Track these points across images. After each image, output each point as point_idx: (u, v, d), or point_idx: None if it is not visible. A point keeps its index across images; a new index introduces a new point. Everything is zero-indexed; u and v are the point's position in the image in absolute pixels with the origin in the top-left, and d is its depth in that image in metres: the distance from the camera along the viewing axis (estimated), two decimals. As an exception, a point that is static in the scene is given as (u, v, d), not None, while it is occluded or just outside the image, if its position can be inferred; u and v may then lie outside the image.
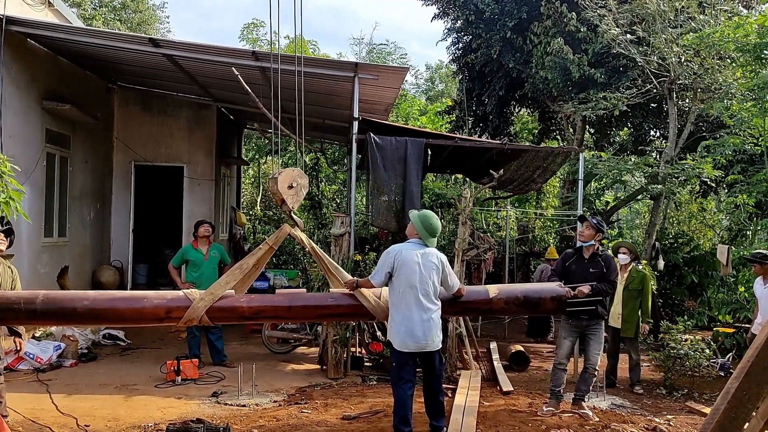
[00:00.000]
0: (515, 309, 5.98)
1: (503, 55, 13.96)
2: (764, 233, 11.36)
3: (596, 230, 6.42)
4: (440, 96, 28.78)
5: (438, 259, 5.28)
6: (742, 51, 9.77)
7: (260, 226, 20.36)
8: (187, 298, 5.20)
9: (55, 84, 9.66)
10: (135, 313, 5.23)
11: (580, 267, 6.40)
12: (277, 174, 5.44)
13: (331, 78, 8.71)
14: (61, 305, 5.10)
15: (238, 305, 5.34)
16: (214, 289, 5.25)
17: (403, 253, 5.23)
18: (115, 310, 5.20)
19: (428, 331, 5.14)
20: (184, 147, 12.32)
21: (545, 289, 5.96)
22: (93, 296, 5.26)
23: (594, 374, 6.40)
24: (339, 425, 5.65)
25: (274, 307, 5.48)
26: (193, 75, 9.98)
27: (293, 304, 5.46)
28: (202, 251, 8.16)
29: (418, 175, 8.54)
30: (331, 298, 5.56)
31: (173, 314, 5.20)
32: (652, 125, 14.52)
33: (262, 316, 5.66)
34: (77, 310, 5.10)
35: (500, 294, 5.67)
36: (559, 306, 5.83)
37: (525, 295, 5.78)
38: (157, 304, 5.20)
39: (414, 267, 5.17)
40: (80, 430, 5.48)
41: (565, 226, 14.12)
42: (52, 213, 9.70)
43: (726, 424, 3.05)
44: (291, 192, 5.45)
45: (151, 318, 5.32)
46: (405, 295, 5.15)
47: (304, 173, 5.56)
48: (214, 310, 5.24)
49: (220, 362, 8.13)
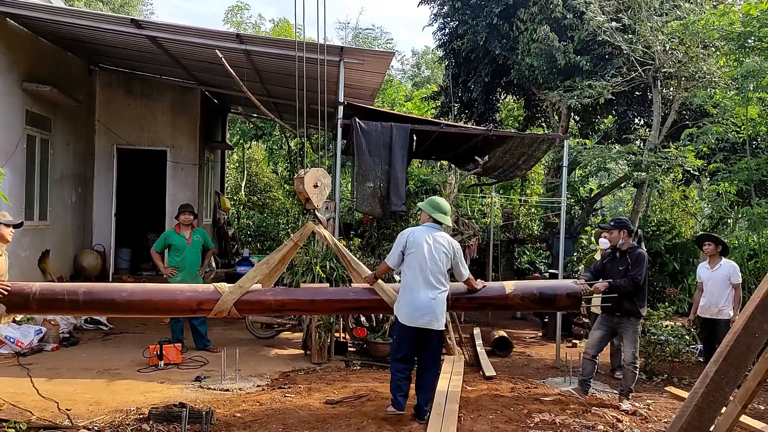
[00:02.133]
0: (531, 305, 6.24)
1: (489, 42, 13.91)
2: (745, 221, 11.48)
3: (618, 228, 6.52)
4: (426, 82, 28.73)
5: (449, 243, 5.52)
6: (726, 39, 9.82)
7: (245, 211, 20.27)
8: (217, 291, 5.52)
9: (36, 65, 9.50)
10: (169, 304, 5.62)
11: (611, 264, 6.54)
12: (303, 174, 5.78)
13: (316, 62, 8.62)
14: (100, 297, 5.44)
15: (264, 298, 5.68)
16: (242, 283, 5.56)
17: (415, 234, 5.50)
18: (150, 301, 5.55)
19: (432, 310, 5.33)
20: (167, 131, 12.19)
21: (560, 285, 6.27)
22: (130, 289, 5.58)
23: (631, 370, 6.33)
24: (322, 409, 5.67)
25: (298, 300, 5.84)
26: (177, 57, 9.86)
27: (316, 298, 5.83)
28: (185, 236, 8.11)
29: (403, 161, 8.51)
30: (352, 292, 5.99)
31: (204, 306, 5.54)
32: (637, 113, 14.56)
33: (286, 308, 6.09)
34: (115, 301, 5.44)
35: (516, 290, 5.96)
36: (574, 302, 6.09)
37: (540, 292, 6.05)
38: (190, 297, 5.57)
39: (424, 248, 5.39)
40: (61, 413, 5.45)
41: (550, 213, 14.18)
42: (33, 196, 9.58)
43: (704, 408, 3.10)
44: (316, 191, 5.83)
45: (183, 309, 5.76)
46: (414, 273, 5.38)
47: (326, 173, 5.96)
48: (242, 303, 5.55)
49: (203, 347, 8.11)
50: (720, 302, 7.38)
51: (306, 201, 5.88)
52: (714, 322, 7.45)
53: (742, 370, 3.13)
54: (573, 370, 7.27)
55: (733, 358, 3.09)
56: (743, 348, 3.09)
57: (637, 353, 6.40)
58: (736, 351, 3.09)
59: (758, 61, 9.16)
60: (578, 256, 12.78)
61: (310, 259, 7.79)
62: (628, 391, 6.35)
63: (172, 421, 5.14)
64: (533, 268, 15.02)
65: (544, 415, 5.52)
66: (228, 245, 14.74)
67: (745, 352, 3.09)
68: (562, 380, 7.26)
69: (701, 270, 7.70)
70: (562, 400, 6.15)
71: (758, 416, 6.11)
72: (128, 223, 12.79)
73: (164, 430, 5.04)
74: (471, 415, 5.53)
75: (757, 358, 3.50)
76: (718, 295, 7.38)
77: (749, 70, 9.06)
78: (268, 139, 19.97)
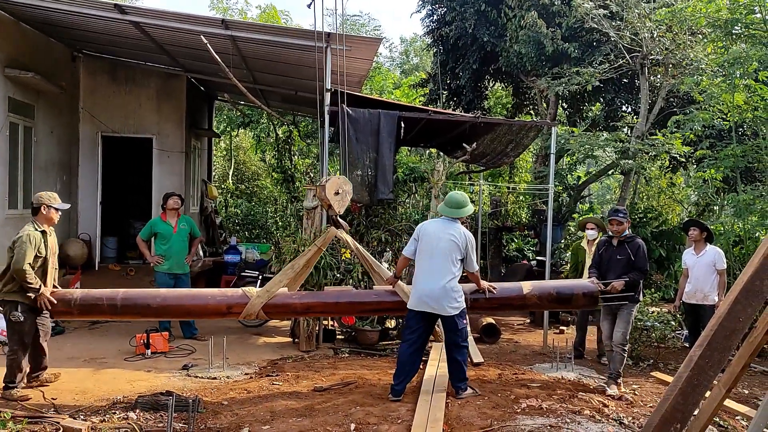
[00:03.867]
0: (548, 305, 6.36)
1: (478, 29, 13.87)
2: (731, 208, 11.56)
3: (626, 220, 6.55)
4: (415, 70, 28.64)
5: (462, 234, 5.64)
6: (713, 26, 9.84)
7: (232, 199, 20.16)
8: (245, 295, 5.79)
9: (18, 52, 9.35)
10: (200, 308, 5.87)
11: (608, 253, 6.54)
12: (325, 182, 6.02)
13: (303, 48, 8.56)
14: (137, 302, 5.73)
15: (290, 302, 5.93)
16: (269, 287, 5.83)
17: (426, 226, 5.81)
18: (183, 306, 5.88)
19: (439, 297, 5.51)
20: (153, 118, 12.05)
21: (577, 285, 6.35)
22: (164, 294, 5.95)
23: (619, 352, 6.32)
24: (310, 396, 5.67)
25: (323, 303, 6.11)
26: (162, 44, 9.74)
27: (340, 300, 6.11)
28: (171, 224, 8.05)
29: (391, 149, 8.48)
30: (374, 295, 6.17)
31: (233, 309, 5.81)
32: (624, 101, 14.60)
33: (312, 311, 6.30)
34: (151, 306, 5.74)
35: (533, 290, 6.09)
36: (591, 301, 6.17)
37: (558, 292, 6.17)
38: (220, 301, 5.81)
39: (434, 238, 5.63)
40: (47, 402, 5.42)
41: (537, 200, 14.21)
42: (17, 184, 9.45)
43: (689, 391, 3.12)
44: (337, 198, 6.02)
45: (214, 313, 5.95)
46: (422, 261, 5.65)
47: (348, 180, 6.25)
48: (269, 306, 5.80)
49: (190, 335, 8.08)
50: (705, 288, 7.43)
51: (328, 208, 6.09)
52: (699, 307, 7.51)
53: (726, 354, 3.15)
54: (560, 356, 7.31)
55: (717, 342, 3.11)
56: (727, 332, 3.11)
57: (627, 336, 6.41)
58: (720, 335, 3.11)
59: (745, 48, 9.19)
60: (566, 243, 12.84)
61: (298, 247, 7.77)
62: (617, 374, 6.32)
63: (158, 409, 5.13)
64: (521, 255, 15.06)
65: (531, 400, 5.55)
66: (215, 234, 14.67)
67: (729, 336, 3.11)
68: (549, 366, 7.30)
69: (687, 256, 7.75)
70: (548, 386, 6.19)
71: (742, 400, 6.18)
72: (114, 211, 12.68)
73: (151, 418, 5.02)
74: (458, 401, 5.55)
75: (741, 342, 3.53)
76: (704, 281, 7.43)
77: (736, 57, 9.09)
78: (255, 127, 19.84)
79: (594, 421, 5.11)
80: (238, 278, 9.78)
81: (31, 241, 5.50)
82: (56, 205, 5.82)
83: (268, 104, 13.64)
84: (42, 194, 5.92)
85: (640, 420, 5.21)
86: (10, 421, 4.57)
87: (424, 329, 5.73)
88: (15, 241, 5.54)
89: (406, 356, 5.66)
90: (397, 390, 5.60)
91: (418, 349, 5.77)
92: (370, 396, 5.64)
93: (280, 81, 11.61)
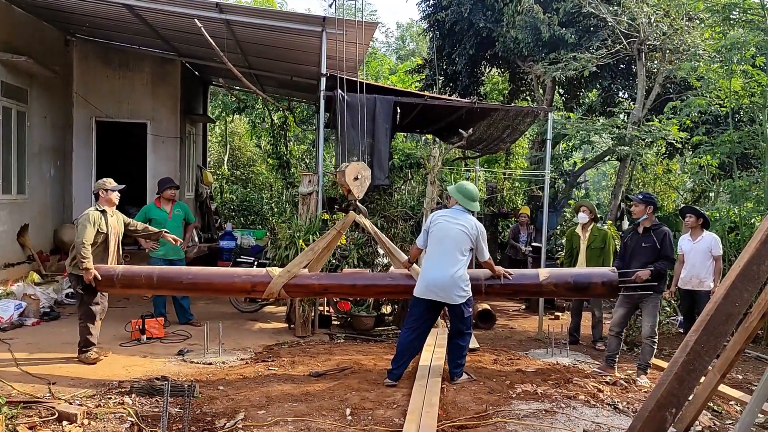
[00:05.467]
0: (565, 292, 6.32)
1: (474, 14, 13.78)
2: (727, 194, 11.57)
3: (645, 204, 6.45)
4: (411, 55, 28.50)
5: (473, 225, 5.69)
6: (710, 11, 9.79)
7: (227, 185, 20.10)
8: (268, 274, 6.15)
9: (11, 35, 9.25)
10: (227, 286, 6.33)
11: (633, 241, 6.47)
12: (345, 167, 6.30)
13: (298, 33, 8.49)
14: (171, 279, 6.36)
15: (309, 282, 6.22)
16: (290, 268, 6.15)
17: (439, 215, 5.83)
18: (211, 284, 6.34)
19: (446, 286, 5.54)
20: (147, 103, 11.98)
21: (595, 273, 6.30)
22: (194, 272, 6.44)
23: (648, 344, 6.30)
24: (306, 381, 5.67)
25: (340, 284, 6.37)
26: (155, 27, 9.65)
27: (357, 283, 6.33)
28: (166, 210, 8.02)
29: (387, 134, 8.44)
30: (389, 278, 6.36)
31: (257, 288, 6.18)
32: (621, 87, 14.56)
33: (329, 292, 6.61)
34: (182, 283, 6.34)
35: (550, 278, 6.09)
36: (611, 290, 6.09)
37: (575, 280, 6.13)
38: (245, 280, 6.22)
39: (443, 228, 5.67)
40: (42, 387, 5.40)
41: (533, 186, 14.21)
42: (10, 169, 9.39)
43: (684, 376, 3.12)
44: (356, 183, 6.29)
45: (239, 291, 6.48)
46: (432, 250, 5.71)
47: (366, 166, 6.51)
48: (290, 286, 6.11)
49: (186, 321, 8.07)
50: (701, 274, 7.45)
51: (347, 192, 6.35)
52: (695, 293, 7.53)
53: (722, 339, 3.15)
54: (555, 342, 7.33)
55: (713, 327, 3.11)
56: (723, 317, 3.11)
57: (656, 327, 6.37)
58: (716, 320, 3.11)
59: (742, 33, 9.14)
60: (561, 229, 12.85)
61: (293, 233, 7.74)
62: (646, 365, 6.31)
63: (154, 394, 5.12)
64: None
65: (526, 385, 5.57)
66: (211, 220, 14.64)
67: (725, 321, 3.11)
68: (544, 352, 7.33)
69: (683, 242, 7.76)
70: (543, 371, 6.21)
71: (736, 385, 6.21)
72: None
73: (147, 403, 5.01)
74: (454, 386, 5.56)
75: (736, 328, 3.53)
76: (699, 267, 7.45)
77: (733, 42, 9.05)
78: (250, 113, 19.73)
79: (589, 405, 5.13)
80: (234, 264, 9.75)
81: (89, 220, 6.19)
82: (110, 186, 6.53)
83: (263, 89, 13.55)
84: (99, 181, 6.67)
85: (635, 405, 5.23)
86: (6, 406, 4.56)
87: (429, 317, 5.77)
88: (78, 219, 6.30)
89: (407, 342, 5.69)
90: (395, 374, 5.62)
91: (420, 336, 5.80)
92: (366, 381, 5.65)
93: (276, 66, 11.53)
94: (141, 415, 4.70)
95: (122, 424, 4.53)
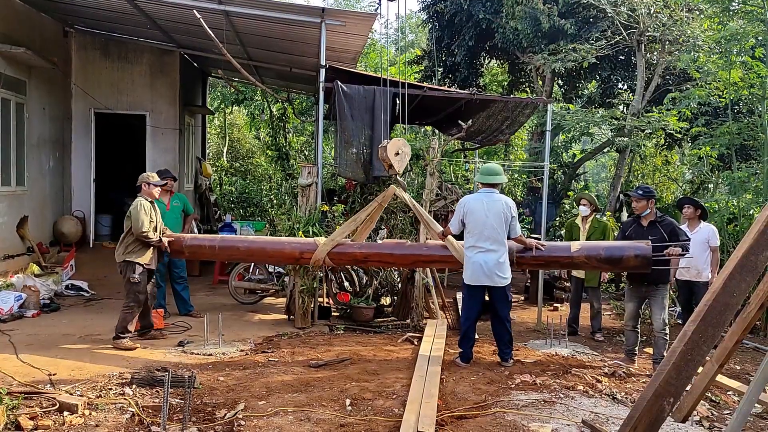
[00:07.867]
0: (596, 264, 6.29)
1: (473, 5, 13.74)
2: (726, 185, 11.57)
3: (646, 198, 6.45)
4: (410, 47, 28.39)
5: (505, 204, 5.93)
6: (710, 2, 9.76)
7: (227, 177, 20.09)
8: (315, 243, 6.71)
9: (9, 27, 9.22)
10: (277, 253, 6.94)
11: (638, 234, 6.40)
12: (386, 143, 6.56)
13: (298, 24, 8.47)
14: (230, 245, 7.04)
15: (351, 251, 6.72)
16: (334, 236, 6.70)
17: (470, 202, 5.99)
18: (264, 250, 6.98)
19: (493, 269, 5.85)
20: (146, 94, 11.96)
21: (628, 246, 6.16)
22: (250, 240, 7.19)
23: (661, 337, 6.30)
24: (306, 372, 5.69)
25: (379, 253, 6.78)
26: (154, 18, 9.62)
27: (395, 252, 6.72)
28: (164, 201, 8.00)
29: (386, 126, 8.43)
30: (425, 248, 6.73)
31: (305, 255, 6.73)
32: (620, 78, 14.55)
33: (369, 260, 6.95)
34: (240, 249, 7.00)
35: (582, 250, 6.16)
36: (643, 263, 5.97)
37: (607, 252, 6.10)
38: (294, 247, 6.82)
39: (480, 213, 5.89)
40: (43, 378, 5.42)
41: (533, 177, 14.21)
42: (9, 161, 9.39)
43: (682, 366, 3.14)
44: (397, 158, 6.55)
45: (289, 258, 6.97)
46: (473, 237, 5.93)
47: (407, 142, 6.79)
48: (333, 254, 6.65)
49: (186, 312, 8.09)
50: (699, 265, 7.46)
51: (389, 167, 6.62)
52: (692, 284, 7.55)
53: (720, 329, 3.16)
54: (554, 333, 7.35)
55: (711, 317, 3.12)
56: (721, 307, 3.12)
57: (667, 319, 6.36)
58: (714, 310, 3.12)
59: (742, 25, 9.12)
60: (560, 221, 12.86)
61: (293, 224, 7.75)
62: (661, 358, 6.25)
63: (154, 385, 5.14)
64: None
65: (524, 376, 5.60)
66: (210, 211, 14.63)
67: (723, 311, 3.12)
68: (543, 342, 7.35)
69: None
70: (542, 362, 6.23)
71: (734, 376, 6.24)
72: (108, 188, 12.62)
73: (147, 394, 5.03)
74: (453, 377, 5.59)
75: (734, 318, 3.55)
76: (697, 258, 7.46)
77: (732, 34, 9.02)
78: (249, 104, 19.70)
79: (587, 396, 5.16)
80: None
81: (140, 208, 6.53)
82: (153, 181, 6.85)
83: (262, 81, 13.53)
84: (144, 174, 6.98)
85: (633, 395, 5.26)
86: (7, 396, 4.57)
87: (481, 299, 6.10)
88: (130, 210, 6.57)
89: (470, 324, 6.05)
90: (467, 356, 6.03)
91: (477, 318, 6.19)
92: (366, 372, 5.67)
93: (275, 57, 11.50)
94: (141, 405, 4.72)
95: (123, 414, 4.56)
